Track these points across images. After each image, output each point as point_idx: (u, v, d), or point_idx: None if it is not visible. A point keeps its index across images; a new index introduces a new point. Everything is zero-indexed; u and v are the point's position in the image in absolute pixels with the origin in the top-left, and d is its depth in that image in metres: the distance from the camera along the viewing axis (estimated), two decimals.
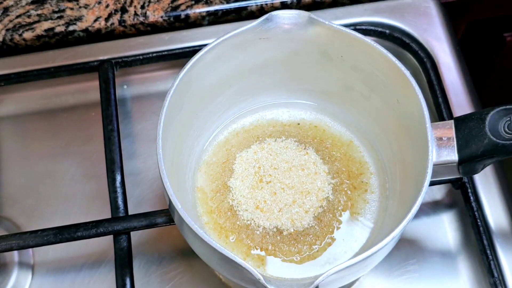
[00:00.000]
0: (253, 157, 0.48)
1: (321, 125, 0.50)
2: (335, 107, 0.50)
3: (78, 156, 0.55)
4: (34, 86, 0.58)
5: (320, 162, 0.48)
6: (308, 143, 0.49)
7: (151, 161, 0.55)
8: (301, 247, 0.45)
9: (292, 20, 0.43)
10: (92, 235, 0.47)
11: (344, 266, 0.35)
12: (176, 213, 0.38)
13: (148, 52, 0.58)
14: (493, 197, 0.50)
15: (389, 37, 0.58)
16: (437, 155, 0.41)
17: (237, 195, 0.46)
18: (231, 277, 0.39)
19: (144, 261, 0.51)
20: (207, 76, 0.45)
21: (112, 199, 0.49)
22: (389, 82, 0.44)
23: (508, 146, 0.39)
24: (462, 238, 0.51)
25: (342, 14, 0.59)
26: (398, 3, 0.60)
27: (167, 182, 0.39)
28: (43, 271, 0.51)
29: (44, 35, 0.58)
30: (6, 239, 0.47)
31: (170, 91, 0.41)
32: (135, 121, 0.57)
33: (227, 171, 0.48)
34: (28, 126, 0.57)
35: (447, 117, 0.53)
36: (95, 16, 0.59)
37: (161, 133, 0.40)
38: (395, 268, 0.50)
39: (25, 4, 0.60)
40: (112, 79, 0.55)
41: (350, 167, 0.48)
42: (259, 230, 0.45)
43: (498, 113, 0.40)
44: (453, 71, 0.56)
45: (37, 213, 0.53)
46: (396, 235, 0.37)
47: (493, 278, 0.47)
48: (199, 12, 0.59)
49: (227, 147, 0.49)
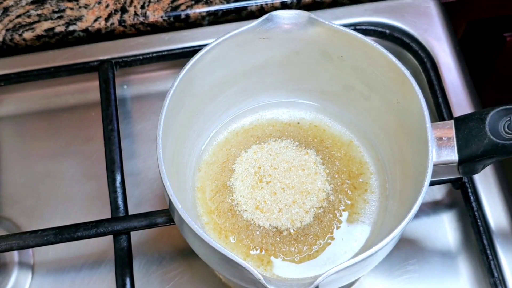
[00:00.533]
0: (253, 157, 0.48)
1: (321, 125, 0.50)
2: (335, 107, 0.50)
3: (78, 156, 0.55)
4: (34, 86, 0.58)
5: (320, 162, 0.48)
6: (308, 143, 0.49)
7: (151, 161, 0.55)
8: (301, 247, 0.45)
9: (292, 20, 0.43)
10: (92, 235, 0.47)
11: (344, 266, 0.35)
12: (176, 213, 0.38)
13: (148, 52, 0.58)
14: (493, 197, 0.50)
15: (389, 37, 0.58)
16: (437, 155, 0.41)
17: (237, 195, 0.46)
18: (231, 277, 0.39)
19: (144, 261, 0.51)
20: (207, 76, 0.45)
21: (112, 199, 0.49)
22: (389, 82, 0.44)
23: (508, 146, 0.39)
24: (462, 238, 0.51)
25: (342, 14, 0.59)
26: (398, 3, 0.60)
27: (167, 182, 0.39)
28: (43, 271, 0.51)
29: (44, 35, 0.59)
30: (6, 239, 0.47)
31: (170, 91, 0.41)
32: (135, 121, 0.57)
33: (227, 171, 0.48)
34: (28, 126, 0.57)
35: (447, 117, 0.53)
36: (95, 16, 0.59)
37: (161, 133, 0.40)
38: (395, 268, 0.50)
39: (25, 4, 0.60)
40: (112, 79, 0.55)
41: (350, 167, 0.48)
42: (259, 230, 0.45)
43: (498, 113, 0.40)
44: (453, 71, 0.56)
45: (37, 213, 0.53)
46: (396, 235, 0.37)
47: (493, 278, 0.47)
48: (199, 12, 0.59)
49: (227, 147, 0.49)
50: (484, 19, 0.70)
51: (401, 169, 0.46)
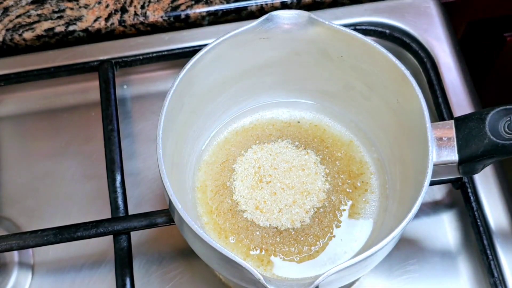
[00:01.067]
0: (253, 157, 0.48)
1: (321, 124, 0.50)
2: (335, 107, 0.50)
3: (78, 156, 0.55)
4: (34, 86, 0.58)
5: (320, 162, 0.48)
6: (308, 143, 0.49)
7: (151, 161, 0.55)
8: (301, 247, 0.45)
9: (292, 20, 0.43)
10: (92, 235, 0.47)
11: (344, 266, 0.35)
12: (176, 213, 0.38)
13: (148, 52, 0.58)
14: (493, 197, 0.50)
15: (389, 37, 0.58)
16: (437, 155, 0.41)
17: (237, 195, 0.46)
18: (231, 277, 0.39)
19: (144, 261, 0.51)
20: (207, 76, 0.45)
21: (112, 199, 0.49)
22: (389, 82, 0.44)
23: (508, 146, 0.39)
24: (462, 238, 0.51)
25: (342, 14, 0.59)
26: (398, 3, 0.60)
27: (167, 182, 0.39)
28: (43, 271, 0.51)
29: (44, 35, 0.59)
30: (6, 239, 0.47)
31: (170, 91, 0.41)
32: (135, 121, 0.57)
33: (227, 171, 0.48)
34: (28, 126, 0.57)
35: (447, 117, 0.53)
36: (95, 16, 0.59)
37: (161, 133, 0.40)
38: (395, 268, 0.50)
39: (25, 4, 0.60)
40: (112, 79, 0.55)
41: (350, 167, 0.48)
42: (259, 231, 0.45)
43: (498, 113, 0.40)
44: (453, 71, 0.56)
45: (37, 213, 0.53)
46: (396, 235, 0.37)
47: (493, 278, 0.47)
48: (199, 12, 0.59)
49: (227, 147, 0.49)
50: (484, 19, 0.70)
51: (401, 169, 0.46)
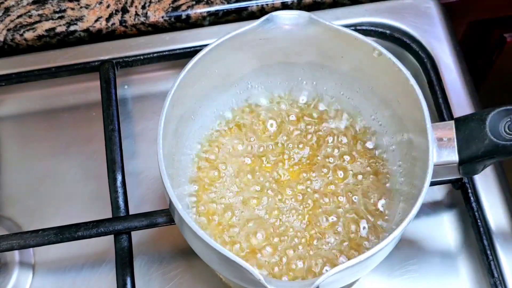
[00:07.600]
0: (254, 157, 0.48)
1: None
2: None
3: (79, 156, 0.55)
4: (35, 86, 0.58)
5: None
6: (311, 145, 0.49)
7: (152, 161, 0.55)
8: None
9: (292, 21, 0.43)
10: (93, 235, 0.47)
11: (344, 267, 0.35)
12: (177, 213, 0.38)
13: (149, 52, 0.58)
14: (493, 197, 0.50)
15: (390, 37, 0.58)
16: (438, 156, 0.41)
17: (237, 195, 0.46)
18: (231, 277, 0.39)
19: (145, 260, 0.51)
20: (207, 76, 0.45)
21: (113, 199, 0.49)
22: (390, 82, 0.44)
23: (508, 146, 0.39)
24: (462, 238, 0.51)
25: (343, 15, 0.59)
26: (399, 3, 0.60)
27: (167, 182, 0.39)
28: (44, 271, 0.51)
29: (45, 35, 0.59)
30: (7, 238, 0.47)
31: (171, 91, 0.41)
32: (136, 121, 0.57)
33: (226, 171, 0.48)
34: (29, 126, 0.58)
35: (448, 118, 0.53)
36: (96, 16, 0.59)
37: (161, 133, 0.40)
38: (395, 268, 0.50)
39: (26, 4, 0.60)
40: (113, 79, 0.55)
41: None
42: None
43: (499, 113, 0.40)
44: (453, 72, 0.56)
45: (38, 213, 0.53)
46: (396, 235, 0.37)
47: (493, 278, 0.47)
48: (200, 12, 0.59)
49: (227, 147, 0.49)
50: (484, 19, 0.70)
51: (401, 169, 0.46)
